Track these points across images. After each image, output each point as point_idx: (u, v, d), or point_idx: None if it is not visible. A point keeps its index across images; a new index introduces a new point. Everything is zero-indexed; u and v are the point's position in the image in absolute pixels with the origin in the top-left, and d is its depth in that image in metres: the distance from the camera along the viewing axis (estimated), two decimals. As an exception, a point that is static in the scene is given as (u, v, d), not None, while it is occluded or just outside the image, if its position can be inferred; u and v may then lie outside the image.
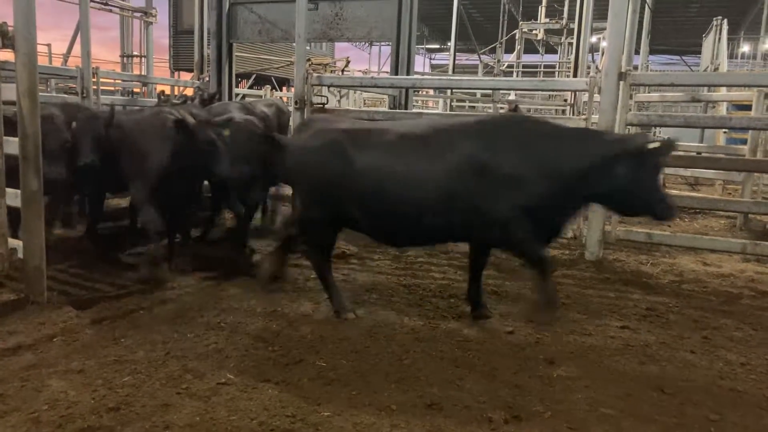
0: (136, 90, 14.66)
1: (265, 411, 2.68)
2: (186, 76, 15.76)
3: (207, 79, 10.67)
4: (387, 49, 24.91)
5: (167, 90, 16.03)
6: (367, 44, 32.20)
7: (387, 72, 16.03)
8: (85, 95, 7.57)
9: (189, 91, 13.65)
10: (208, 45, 10.92)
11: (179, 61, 17.12)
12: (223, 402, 2.75)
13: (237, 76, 12.18)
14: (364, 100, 14.74)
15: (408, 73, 8.79)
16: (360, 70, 21.07)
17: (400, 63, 9.02)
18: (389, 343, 3.48)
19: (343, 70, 12.82)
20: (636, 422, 2.69)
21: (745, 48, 25.86)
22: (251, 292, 4.31)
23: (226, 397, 2.79)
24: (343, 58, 14.04)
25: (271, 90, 14.55)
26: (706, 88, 10.97)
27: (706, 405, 2.86)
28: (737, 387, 3.07)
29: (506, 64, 20.11)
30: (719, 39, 11.93)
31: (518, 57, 19.46)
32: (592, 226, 5.41)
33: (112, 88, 14.17)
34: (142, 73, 15.14)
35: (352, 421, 2.63)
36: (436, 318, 3.94)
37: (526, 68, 20.31)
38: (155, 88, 12.23)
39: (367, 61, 32.72)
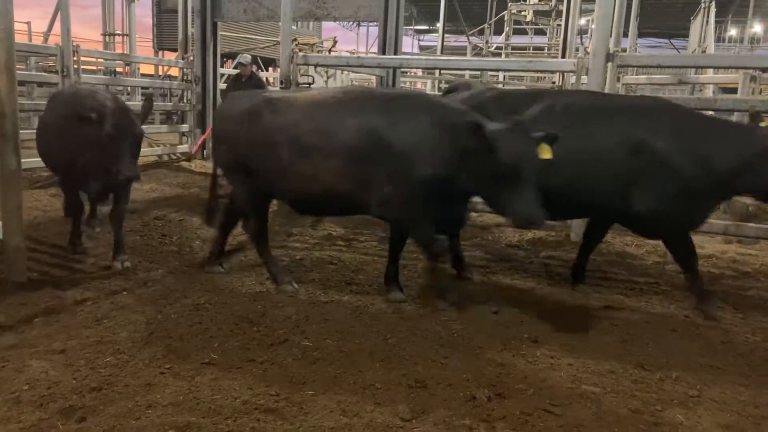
0: (118, 69, 14.39)
1: (249, 390, 2.67)
2: (170, 56, 15.51)
3: (191, 58, 10.51)
4: (375, 30, 24.66)
5: (151, 70, 15.77)
6: (354, 24, 31.84)
7: (375, 53, 15.88)
8: (65, 74, 7.42)
9: (174, 71, 13.44)
10: (193, 24, 10.73)
11: (163, 40, 16.83)
12: (207, 381, 2.74)
13: (222, 56, 12.02)
14: (352, 81, 14.60)
15: (395, 54, 8.70)
16: (347, 51, 20.83)
17: (388, 43, 8.94)
18: (374, 323, 3.48)
19: (330, 50, 12.67)
20: (617, 398, 2.73)
21: (733, 32, 25.93)
22: (236, 274, 4.30)
23: (210, 377, 2.78)
24: (330, 38, 13.86)
25: (257, 70, 14.34)
26: (693, 71, 11.01)
27: (685, 381, 2.90)
28: (717, 364, 3.12)
29: (495, 45, 19.99)
30: (707, 22, 11.94)
31: (507, 38, 19.34)
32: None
33: (94, 68, 13.91)
34: (125, 52, 14.85)
35: (336, 399, 2.63)
36: (422, 298, 3.95)
37: (515, 50, 20.19)
38: (138, 68, 12.03)
39: (355, 41, 32.40)
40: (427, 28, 36.01)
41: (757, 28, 21.77)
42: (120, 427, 2.37)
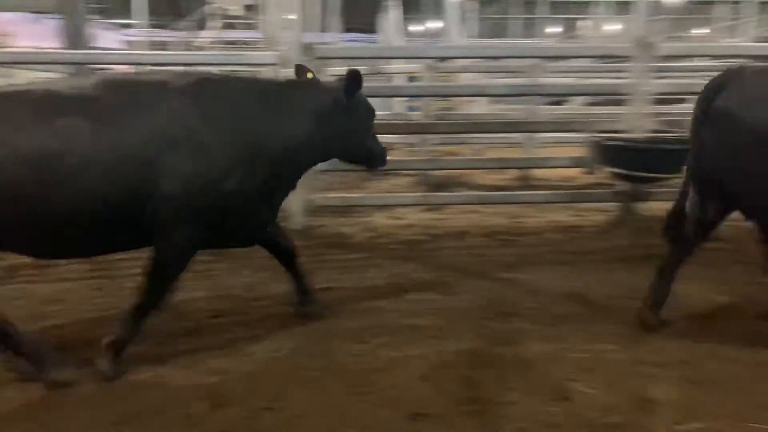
0: None
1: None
2: None
3: None
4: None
5: None
6: (45, 17, 27.40)
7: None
8: None
9: None
10: None
11: None
12: None
13: None
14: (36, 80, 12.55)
15: (82, 49, 7.74)
16: (33, 47, 17.83)
17: (73, 37, 7.92)
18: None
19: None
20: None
21: (418, 27, 29.73)
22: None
23: None
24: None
25: None
26: (387, 62, 12.27)
27: (392, 342, 3.24)
28: (419, 323, 3.50)
29: (210, 40, 19.38)
30: (390, 18, 13.48)
31: (218, 34, 18.97)
32: (296, 197, 5.55)
33: None
34: None
35: None
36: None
37: (228, 44, 19.87)
38: None
39: (44, 36, 27.98)
40: (129, 22, 33.03)
41: (432, 24, 25.46)
42: None
